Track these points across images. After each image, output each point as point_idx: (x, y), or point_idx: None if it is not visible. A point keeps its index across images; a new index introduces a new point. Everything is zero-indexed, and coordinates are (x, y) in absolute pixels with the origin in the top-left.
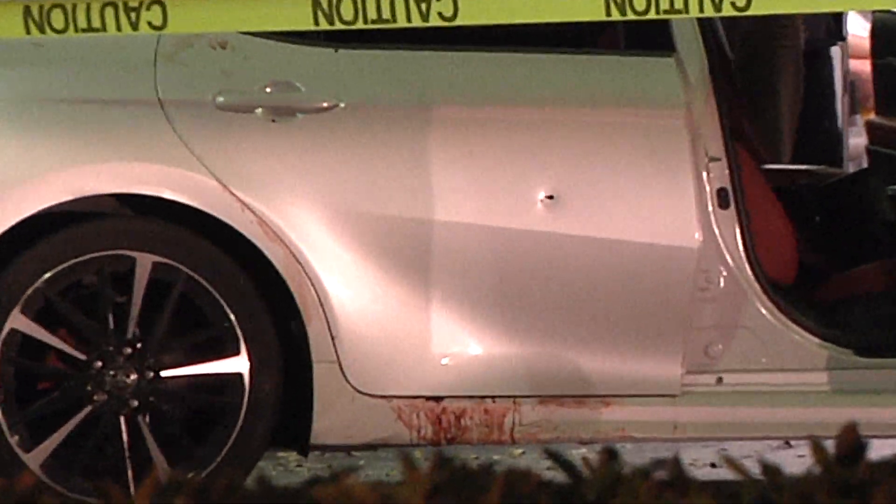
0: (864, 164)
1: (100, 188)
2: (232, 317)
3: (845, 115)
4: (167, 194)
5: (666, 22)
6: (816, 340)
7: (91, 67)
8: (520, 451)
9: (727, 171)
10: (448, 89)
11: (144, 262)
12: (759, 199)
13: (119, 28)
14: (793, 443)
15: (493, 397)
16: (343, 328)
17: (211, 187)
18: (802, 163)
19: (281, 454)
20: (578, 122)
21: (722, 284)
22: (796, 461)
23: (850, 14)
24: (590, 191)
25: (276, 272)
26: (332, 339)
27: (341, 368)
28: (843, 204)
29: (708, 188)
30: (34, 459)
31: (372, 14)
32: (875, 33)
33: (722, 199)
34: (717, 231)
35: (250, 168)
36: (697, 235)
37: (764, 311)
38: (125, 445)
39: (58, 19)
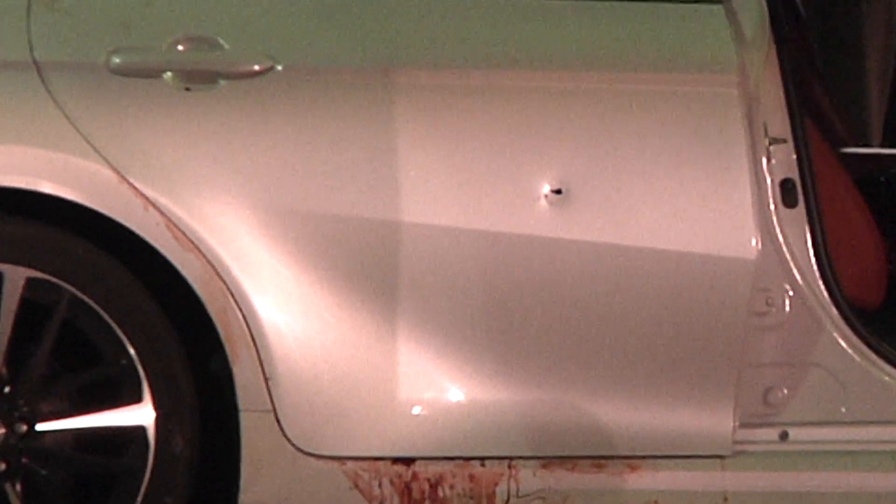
0: None
1: None
2: (132, 351)
3: None
4: (46, 188)
5: None
6: None
7: None
8: None
9: (794, 157)
10: (421, 47)
11: (15, 278)
12: (837, 194)
13: None
14: None
15: (481, 459)
16: (280, 366)
17: (104, 178)
18: (894, 146)
19: None
20: (594, 89)
21: (787, 308)
22: None
23: None
24: (609, 183)
25: (192, 292)
26: (266, 380)
27: (278, 420)
28: None
29: (769, 179)
30: None
31: None
32: None
33: (787, 193)
34: (780, 237)
35: (157, 152)
36: (754, 243)
37: (843, 344)
38: None
39: None
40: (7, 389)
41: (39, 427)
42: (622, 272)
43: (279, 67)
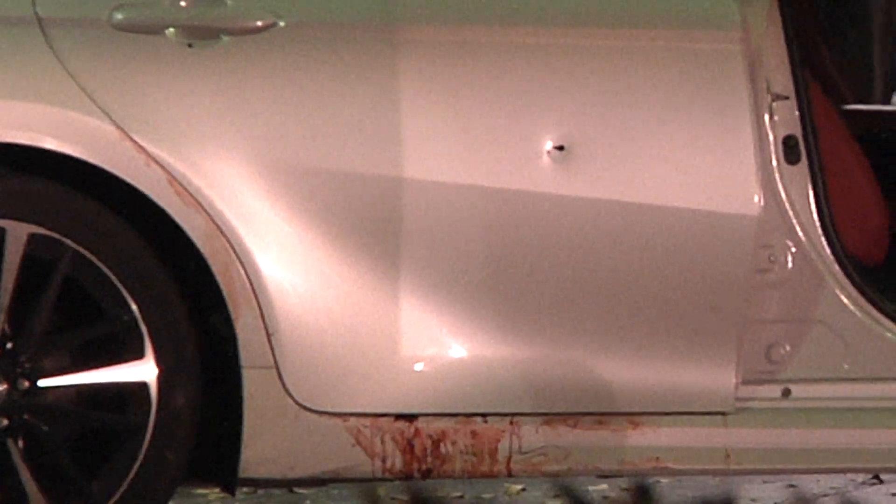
0: None
1: None
2: (134, 307)
3: None
4: (48, 144)
5: None
6: None
7: None
8: (519, 486)
9: (797, 114)
10: (423, 3)
11: (17, 234)
12: (840, 150)
13: None
14: (885, 477)
15: (483, 415)
16: (283, 323)
17: (106, 134)
18: None
19: (200, 491)
20: (597, 46)
21: (789, 264)
22: (890, 501)
23: None
24: (612, 139)
25: (194, 248)
26: (269, 337)
27: (280, 377)
28: None
29: (771, 136)
30: None
31: None
32: None
33: (790, 150)
34: (782, 193)
35: (159, 109)
36: (757, 199)
37: (846, 301)
38: None
39: None
40: (10, 345)
41: (42, 383)
42: (625, 229)
43: (281, 23)
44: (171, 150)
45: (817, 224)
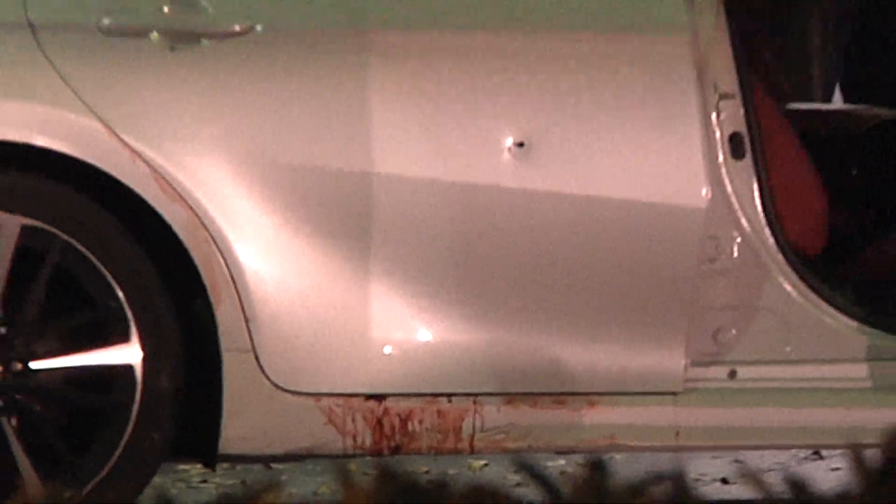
0: None
1: None
2: (120, 294)
3: None
4: (39, 141)
5: None
6: (854, 324)
7: None
8: (482, 462)
9: (742, 112)
10: (391, 9)
11: (10, 226)
12: (782, 147)
13: None
14: (825, 453)
15: (448, 395)
16: (260, 309)
17: (94, 131)
18: (848, 102)
19: (182, 467)
20: (555, 49)
21: (735, 254)
22: (830, 475)
23: None
24: (569, 137)
25: (177, 239)
26: (247, 322)
27: (257, 359)
28: (887, 153)
29: (718, 133)
30: None
31: None
32: None
33: (735, 146)
34: (728, 187)
35: (144, 108)
36: (704, 192)
37: (788, 288)
38: None
39: None
40: (3, 330)
41: (34, 365)
42: (582, 220)
43: (259, 28)
44: (155, 147)
45: (761, 216)
